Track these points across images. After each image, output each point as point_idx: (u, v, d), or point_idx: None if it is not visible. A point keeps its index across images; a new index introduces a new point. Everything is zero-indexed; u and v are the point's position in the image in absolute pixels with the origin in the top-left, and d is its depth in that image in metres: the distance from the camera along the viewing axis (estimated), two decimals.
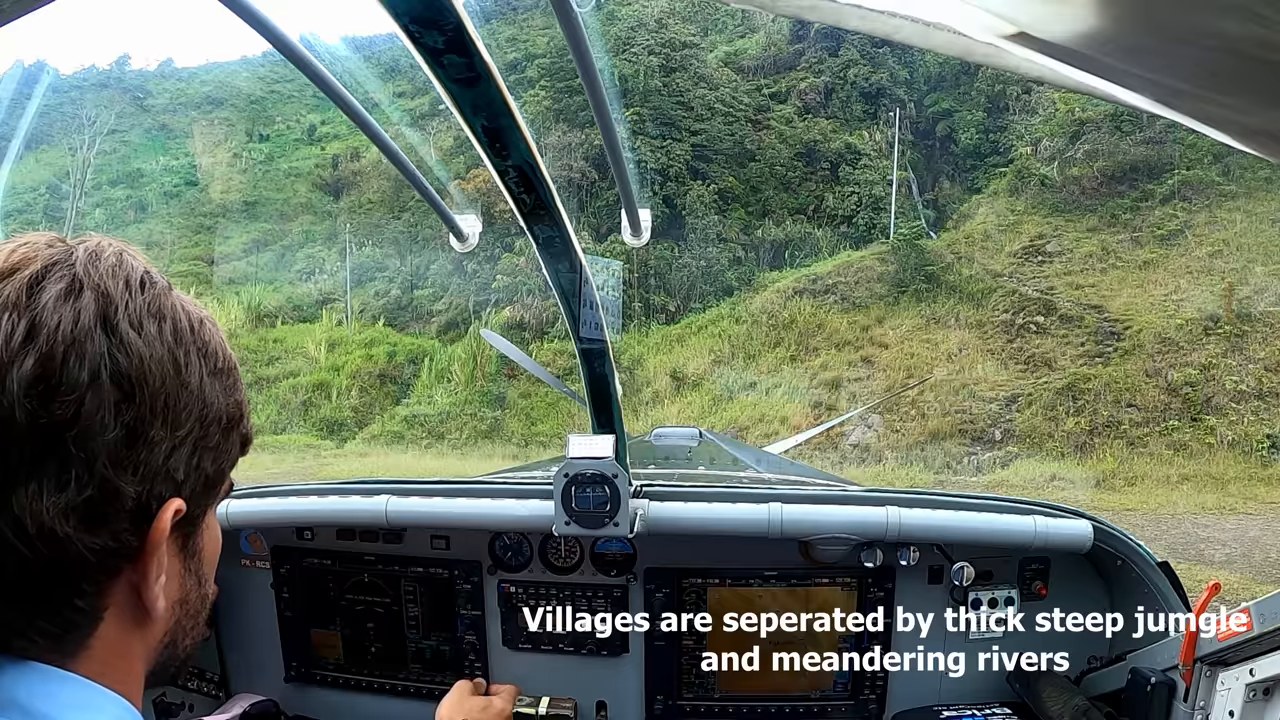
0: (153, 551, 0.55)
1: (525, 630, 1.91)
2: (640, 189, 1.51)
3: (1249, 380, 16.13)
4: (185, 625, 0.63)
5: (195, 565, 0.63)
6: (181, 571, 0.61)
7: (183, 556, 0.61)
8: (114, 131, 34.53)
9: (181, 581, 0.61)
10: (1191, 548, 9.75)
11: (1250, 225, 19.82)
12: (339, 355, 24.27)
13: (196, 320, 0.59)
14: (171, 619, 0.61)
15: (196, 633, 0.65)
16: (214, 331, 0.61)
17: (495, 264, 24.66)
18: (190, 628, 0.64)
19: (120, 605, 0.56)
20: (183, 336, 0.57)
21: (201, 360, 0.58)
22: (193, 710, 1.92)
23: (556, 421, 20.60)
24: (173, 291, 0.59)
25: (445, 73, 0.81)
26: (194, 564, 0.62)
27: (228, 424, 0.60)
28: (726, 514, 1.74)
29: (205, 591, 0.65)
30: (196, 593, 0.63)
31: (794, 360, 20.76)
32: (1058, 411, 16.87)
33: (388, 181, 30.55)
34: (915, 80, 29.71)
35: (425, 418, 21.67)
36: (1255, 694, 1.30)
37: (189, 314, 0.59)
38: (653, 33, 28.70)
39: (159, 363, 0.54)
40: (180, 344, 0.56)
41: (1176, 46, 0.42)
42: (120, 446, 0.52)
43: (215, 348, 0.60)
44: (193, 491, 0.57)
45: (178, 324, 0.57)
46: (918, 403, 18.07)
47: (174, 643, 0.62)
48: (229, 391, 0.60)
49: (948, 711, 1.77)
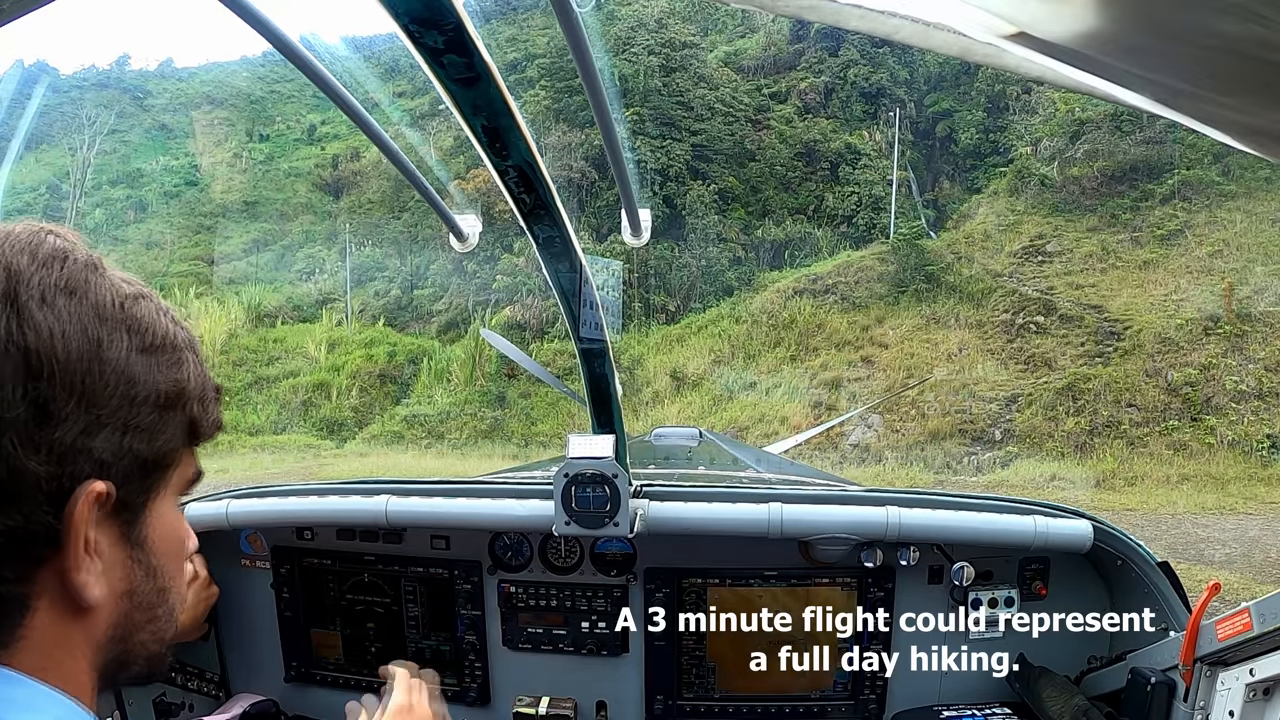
0: (75, 535, 0.52)
1: (525, 630, 1.91)
2: (640, 189, 1.51)
3: (1249, 380, 16.13)
4: (138, 619, 0.60)
5: (143, 556, 0.59)
6: (126, 561, 0.58)
7: (126, 545, 0.57)
8: (114, 131, 34.54)
9: (127, 572, 0.58)
10: (1191, 548, 9.75)
11: (1250, 225, 19.83)
12: (339, 355, 24.28)
13: (127, 297, 0.57)
14: (118, 612, 0.58)
15: (156, 629, 0.62)
16: (148, 307, 0.58)
17: (495, 264, 24.67)
18: (145, 622, 0.60)
19: (52, 594, 0.53)
20: (105, 312, 0.55)
21: (129, 337, 0.55)
22: (193, 710, 1.92)
23: (556, 421, 20.60)
24: (101, 269, 0.57)
25: (445, 73, 0.81)
26: (141, 554, 0.59)
27: (163, 404, 0.57)
28: (726, 514, 1.73)
29: (163, 585, 0.61)
30: (149, 585, 0.60)
31: (794, 360, 20.76)
32: (1058, 411, 16.87)
33: (388, 181, 30.56)
34: (915, 80, 29.71)
35: (425, 418, 21.68)
36: (1255, 694, 1.30)
37: (116, 290, 0.56)
38: (653, 33, 28.70)
39: (71, 339, 0.52)
40: (102, 320, 0.54)
41: (1176, 46, 0.42)
42: (28, 425, 0.50)
43: (147, 324, 0.57)
44: (124, 475, 0.55)
45: (99, 300, 0.55)
46: (918, 403, 18.07)
47: (125, 638, 0.59)
48: (167, 369, 0.58)
49: (948, 711, 1.77)
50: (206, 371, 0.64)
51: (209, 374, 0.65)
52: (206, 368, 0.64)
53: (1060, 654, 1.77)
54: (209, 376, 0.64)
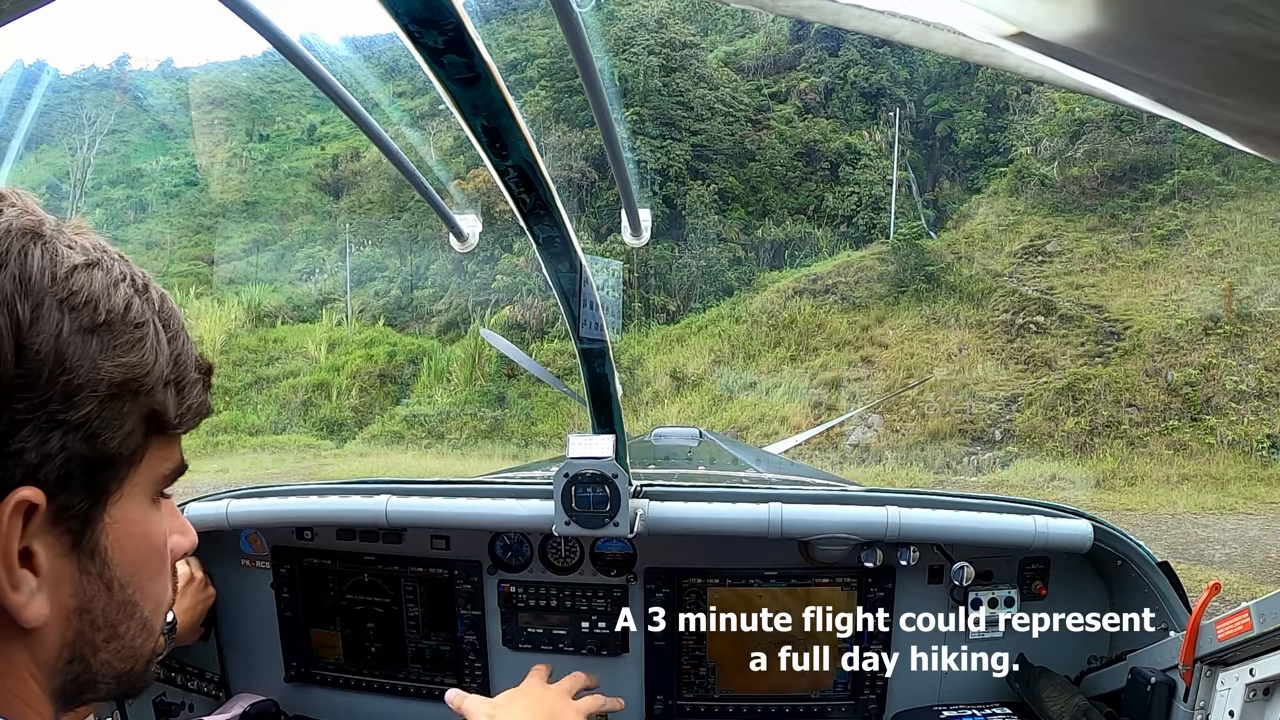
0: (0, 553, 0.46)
1: (525, 630, 1.91)
2: (640, 189, 1.51)
3: (1249, 380, 16.13)
4: (95, 639, 0.52)
5: (98, 568, 0.51)
6: (75, 575, 0.50)
7: (75, 557, 0.50)
8: (114, 131, 34.56)
9: (77, 587, 0.50)
10: (1191, 548, 9.75)
11: (1250, 225, 19.84)
12: (339, 355, 24.29)
13: (64, 268, 0.48)
14: (70, 630, 0.51)
15: (121, 647, 0.54)
16: (96, 277, 0.50)
17: (495, 264, 24.69)
18: (105, 641, 0.53)
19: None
20: (32, 284, 0.46)
21: (65, 314, 0.47)
22: (193, 710, 1.92)
23: (556, 421, 20.61)
24: (44, 237, 0.48)
25: (445, 73, 0.81)
26: (95, 566, 0.51)
27: (111, 393, 0.49)
28: (726, 514, 1.73)
29: (128, 599, 0.54)
30: (107, 600, 0.52)
31: (794, 360, 20.77)
32: (1058, 411, 16.87)
33: (388, 181, 30.58)
34: (915, 80, 29.73)
35: (425, 418, 21.69)
36: (1255, 694, 1.30)
37: (56, 259, 0.48)
38: (653, 33, 28.71)
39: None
40: (26, 294, 0.46)
41: (1176, 46, 0.42)
42: None
43: (91, 298, 0.48)
44: (60, 479, 0.47)
45: (25, 271, 0.46)
46: (918, 403, 18.08)
47: (83, 658, 0.52)
48: (117, 351, 0.49)
49: (948, 711, 1.77)
50: (188, 348, 0.56)
51: (193, 350, 0.57)
52: (190, 340, 0.56)
53: (1060, 654, 1.77)
54: (190, 354, 0.56)
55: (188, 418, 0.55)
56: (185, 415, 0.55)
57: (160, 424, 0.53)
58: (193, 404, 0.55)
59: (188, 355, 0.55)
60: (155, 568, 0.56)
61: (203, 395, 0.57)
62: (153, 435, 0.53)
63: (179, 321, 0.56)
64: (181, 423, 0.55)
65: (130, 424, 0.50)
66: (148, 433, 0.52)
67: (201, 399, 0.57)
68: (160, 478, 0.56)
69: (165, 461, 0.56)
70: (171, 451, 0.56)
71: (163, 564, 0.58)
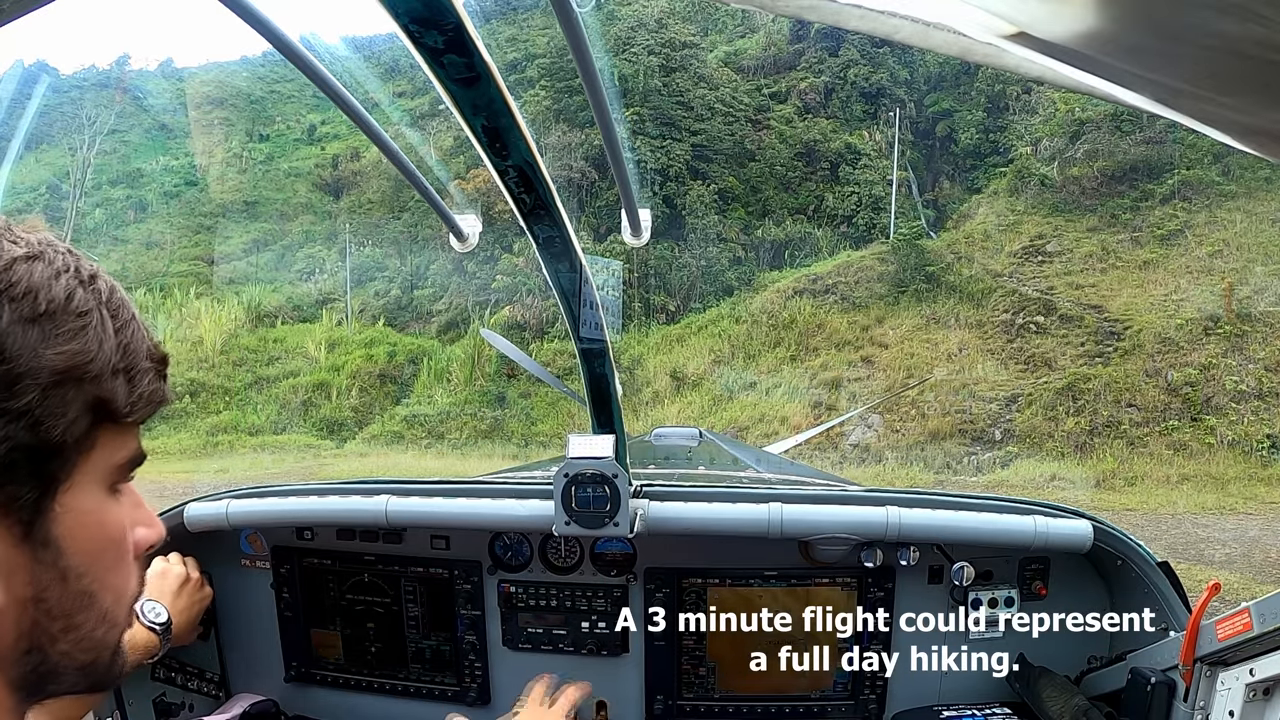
0: None
1: (525, 630, 1.91)
2: (640, 189, 1.51)
3: (1249, 380, 16.13)
4: (51, 629, 0.52)
5: (53, 558, 0.51)
6: (28, 564, 0.50)
7: (28, 547, 0.50)
8: (114, 131, 34.55)
9: (30, 576, 0.50)
10: (1191, 548, 9.75)
11: (1250, 225, 19.83)
12: (339, 355, 24.29)
13: (4, 260, 0.49)
14: (26, 620, 0.51)
15: (80, 637, 0.54)
16: (36, 269, 0.50)
17: (495, 264, 24.69)
18: (62, 631, 0.53)
19: None
20: None
21: (5, 305, 0.48)
22: (193, 710, 1.92)
23: (556, 421, 20.61)
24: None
25: (445, 73, 0.81)
26: (48, 555, 0.51)
27: (52, 381, 0.49)
28: (726, 514, 1.73)
29: (85, 589, 0.53)
30: (62, 590, 0.52)
31: (794, 360, 20.77)
32: (1058, 411, 16.87)
33: (388, 181, 30.58)
34: (915, 80, 29.73)
35: (425, 418, 21.68)
36: (1255, 694, 1.30)
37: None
38: (653, 33, 28.71)
39: None
40: None
41: (1176, 46, 0.42)
42: None
43: (31, 289, 0.49)
44: (4, 466, 0.48)
45: None
46: (918, 403, 18.08)
47: (40, 648, 0.52)
48: (59, 340, 0.49)
49: (948, 711, 1.77)
50: (139, 337, 0.56)
51: (146, 338, 0.56)
52: (142, 330, 0.56)
53: (1060, 654, 1.77)
54: (142, 343, 0.56)
55: (139, 406, 0.55)
56: (137, 404, 0.54)
57: (109, 413, 0.53)
58: (144, 392, 0.55)
59: (138, 344, 0.55)
60: (113, 558, 0.56)
61: (156, 384, 0.56)
62: (103, 424, 0.53)
63: (129, 311, 0.55)
64: (133, 411, 0.54)
65: (74, 411, 0.50)
66: (96, 421, 0.52)
67: (154, 387, 0.56)
68: (115, 467, 0.55)
69: (119, 450, 0.55)
70: (126, 441, 0.56)
71: (122, 555, 0.57)
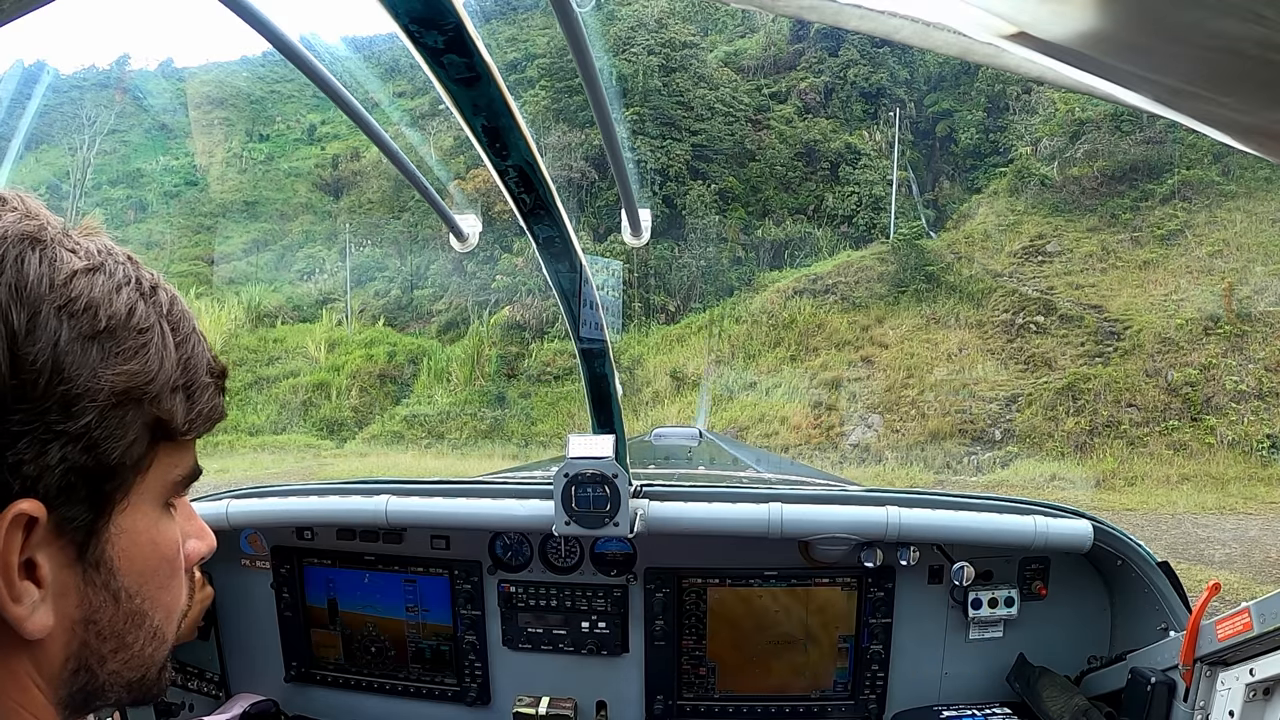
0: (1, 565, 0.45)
1: (525, 630, 1.91)
2: (640, 189, 1.51)
3: (1249, 380, 16.13)
4: (103, 649, 0.51)
5: (104, 578, 0.50)
6: (80, 585, 0.49)
7: (80, 568, 0.49)
8: (114, 131, 34.56)
9: (82, 598, 0.49)
10: (1191, 548, 9.74)
11: (1250, 225, 19.83)
12: (339, 355, 24.29)
13: (63, 273, 0.46)
14: (76, 641, 0.50)
15: (130, 657, 0.53)
16: (98, 282, 0.48)
17: (495, 264, 24.69)
18: (113, 651, 0.52)
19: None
20: (28, 291, 0.45)
21: (63, 321, 0.45)
22: (193, 710, 1.92)
23: (556, 421, 20.60)
24: (44, 242, 0.47)
25: (445, 73, 0.81)
26: (100, 576, 0.50)
27: (112, 402, 0.47)
28: (726, 514, 1.73)
29: (137, 609, 0.52)
30: (114, 611, 0.51)
31: (794, 360, 20.76)
32: (1058, 411, 16.87)
33: (388, 181, 30.57)
34: (915, 80, 29.73)
35: (425, 418, 21.68)
36: (1255, 694, 1.30)
37: (56, 265, 0.46)
38: (653, 33, 28.71)
39: None
40: (24, 303, 0.44)
41: (1176, 46, 0.42)
42: None
43: (91, 304, 0.47)
44: (60, 489, 0.46)
45: (22, 279, 0.45)
46: (918, 403, 18.08)
47: (90, 668, 0.51)
48: (119, 359, 0.47)
49: (948, 711, 1.77)
50: (199, 351, 0.54)
51: (205, 353, 0.54)
52: (203, 344, 0.54)
53: (1060, 654, 1.77)
54: (202, 357, 0.54)
55: (198, 423, 0.53)
56: (195, 421, 0.53)
57: (167, 431, 0.51)
58: (203, 409, 0.53)
59: (199, 359, 0.53)
60: (166, 576, 0.55)
61: (215, 399, 0.55)
62: (160, 442, 0.51)
63: (190, 324, 0.54)
64: (191, 429, 0.53)
65: (134, 433, 0.49)
66: (154, 440, 0.51)
67: (214, 403, 0.55)
68: (171, 484, 0.54)
69: (176, 468, 0.54)
70: (183, 457, 0.54)
71: (174, 572, 0.56)
